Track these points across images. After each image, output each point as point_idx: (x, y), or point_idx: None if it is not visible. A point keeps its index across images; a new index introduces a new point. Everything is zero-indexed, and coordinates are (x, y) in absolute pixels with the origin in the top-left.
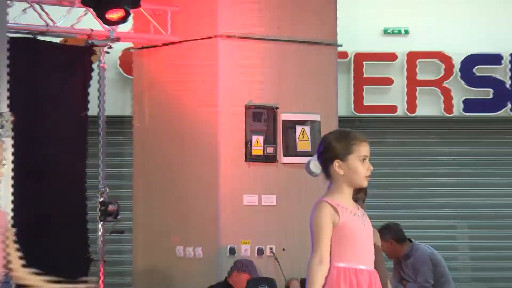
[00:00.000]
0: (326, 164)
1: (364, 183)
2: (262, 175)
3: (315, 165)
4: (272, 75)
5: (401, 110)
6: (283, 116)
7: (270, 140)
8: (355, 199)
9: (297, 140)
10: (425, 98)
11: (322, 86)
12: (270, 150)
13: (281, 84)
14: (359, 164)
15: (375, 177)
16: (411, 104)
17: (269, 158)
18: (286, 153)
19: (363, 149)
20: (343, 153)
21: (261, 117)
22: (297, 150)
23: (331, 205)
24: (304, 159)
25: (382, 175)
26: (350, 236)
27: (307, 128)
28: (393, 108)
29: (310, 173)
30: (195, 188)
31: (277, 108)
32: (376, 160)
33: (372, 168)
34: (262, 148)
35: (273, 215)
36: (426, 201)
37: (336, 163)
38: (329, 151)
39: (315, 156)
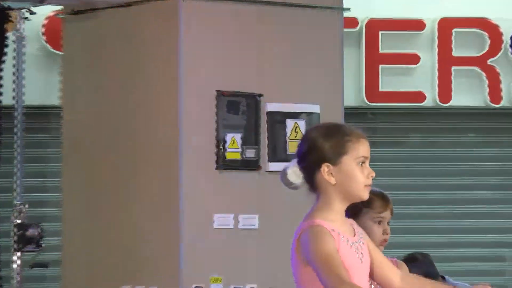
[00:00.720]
0: (310, 171)
1: (364, 195)
2: (239, 187)
3: (294, 173)
4: (254, 50)
5: (431, 99)
6: (269, 106)
7: (250, 139)
8: (379, 221)
9: (287, 140)
10: (463, 82)
11: (323, 66)
12: (250, 153)
13: (266, 63)
14: (356, 169)
15: (393, 190)
16: (444, 91)
17: (249, 165)
18: (273, 158)
19: (362, 149)
20: (334, 154)
21: (238, 107)
22: (287, 153)
23: (329, 231)
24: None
25: (402, 187)
26: None
27: (301, 123)
28: (420, 96)
29: (288, 184)
30: (148, 207)
31: (260, 95)
32: (395, 167)
33: (374, 174)
34: (239, 150)
35: (254, 243)
36: (463, 223)
37: (325, 168)
38: (314, 152)
39: (295, 161)
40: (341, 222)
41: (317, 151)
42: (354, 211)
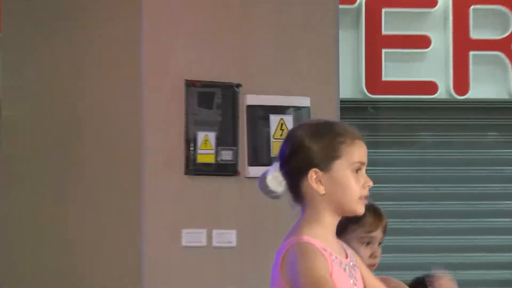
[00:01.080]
0: (294, 177)
1: (358, 209)
2: (213, 197)
3: (275, 179)
4: (232, 32)
5: (444, 90)
6: (250, 99)
7: (227, 139)
8: (367, 241)
9: (271, 139)
10: (483, 70)
11: (314, 50)
12: (227, 155)
13: (246, 46)
14: (350, 177)
15: (398, 201)
16: (460, 80)
17: (226, 169)
18: (254, 161)
19: (358, 152)
20: (324, 158)
21: (212, 100)
22: (271, 155)
23: (319, 250)
24: None
25: (409, 197)
26: None
27: (288, 120)
28: (431, 87)
29: (267, 192)
30: (102, 220)
31: (238, 86)
32: (400, 173)
33: (371, 183)
34: (213, 152)
35: (231, 263)
36: (484, 240)
37: (313, 175)
38: (300, 154)
39: (276, 165)
40: (332, 240)
41: (304, 153)
42: (337, 228)
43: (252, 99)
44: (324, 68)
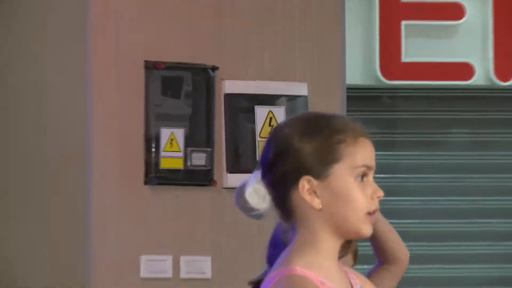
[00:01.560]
0: (281, 189)
1: (365, 229)
2: (182, 213)
3: (256, 193)
4: (206, 3)
5: (482, 75)
6: (229, 86)
7: (199, 137)
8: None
9: (257, 138)
10: None
11: (313, 24)
12: (199, 159)
13: (224, 19)
14: (354, 186)
15: (424, 218)
16: (504, 62)
17: (198, 177)
18: (234, 167)
19: (362, 153)
20: (319, 162)
21: (179, 87)
22: (257, 158)
23: (316, 286)
24: None
25: (439, 214)
26: None
27: (279, 112)
28: (465, 70)
29: (246, 210)
30: (38, 243)
31: (215, 69)
32: (425, 181)
33: (381, 193)
34: (181, 154)
35: None
36: None
37: (305, 184)
38: (288, 159)
39: (257, 174)
40: (332, 269)
41: (292, 157)
42: None
43: (231, 86)
44: (326, 46)
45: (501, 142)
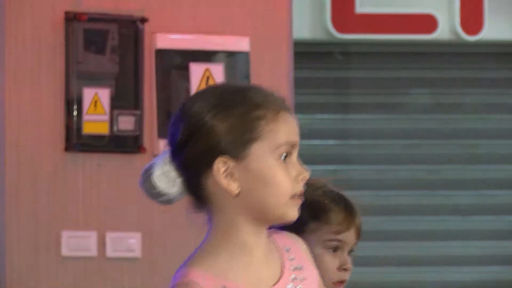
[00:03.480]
0: (193, 172)
1: (290, 212)
2: (107, 184)
3: (165, 177)
4: None
5: (447, 28)
6: (160, 40)
7: (126, 98)
8: (335, 247)
9: None
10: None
11: None
12: (126, 123)
13: None
14: (276, 167)
15: (381, 189)
16: (471, 14)
17: (125, 144)
18: (167, 132)
19: (284, 129)
20: (235, 141)
21: (104, 42)
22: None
23: None
24: None
25: (398, 184)
26: None
27: (217, 70)
28: (428, 23)
29: (154, 195)
30: None
31: (143, 20)
32: (384, 149)
33: (307, 174)
34: (107, 118)
35: (133, 281)
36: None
37: (220, 167)
38: (200, 139)
39: (165, 154)
40: (252, 264)
41: (205, 136)
42: (294, 227)
43: (163, 41)
44: None
45: (467, 104)
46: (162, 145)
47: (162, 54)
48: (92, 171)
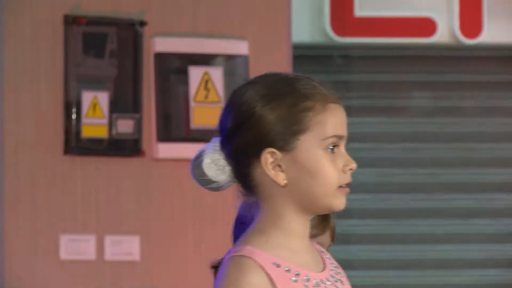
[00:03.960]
0: (242, 162)
1: (338, 203)
2: (106, 187)
3: (214, 164)
4: None
5: (447, 32)
6: (159, 44)
7: (125, 102)
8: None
9: (192, 103)
10: (502, 2)
11: None
12: (125, 126)
13: None
14: (324, 158)
15: (379, 193)
16: (470, 18)
17: (124, 147)
18: (165, 135)
19: (332, 121)
20: (284, 132)
21: (103, 45)
22: (190, 126)
23: (261, 267)
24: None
25: (397, 188)
26: None
27: (216, 74)
28: (427, 26)
29: (204, 182)
30: None
31: (143, 24)
32: (383, 152)
33: (354, 165)
34: (106, 121)
35: (132, 284)
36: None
37: (268, 158)
38: (249, 128)
39: (215, 142)
40: (299, 250)
41: (254, 127)
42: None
43: (162, 44)
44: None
45: (466, 107)
46: (161, 148)
47: (161, 58)
48: (90, 174)
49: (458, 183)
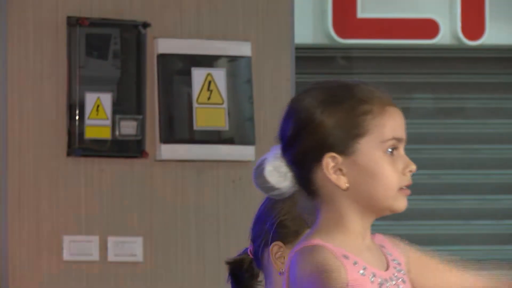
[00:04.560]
0: (304, 167)
1: (399, 204)
2: (109, 188)
3: (276, 171)
4: None
5: (449, 33)
6: (162, 45)
7: (129, 103)
8: None
9: (195, 104)
10: (505, 3)
11: None
12: (128, 128)
13: None
14: (383, 161)
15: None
16: (472, 19)
17: (127, 148)
18: (169, 136)
19: (391, 124)
20: (344, 137)
21: (107, 47)
22: (194, 127)
23: (334, 255)
24: (212, 150)
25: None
26: None
27: (219, 75)
28: (430, 28)
29: (267, 189)
30: None
31: (146, 26)
32: None
33: (414, 167)
34: (109, 122)
35: (135, 285)
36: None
37: (329, 162)
38: (309, 134)
39: (276, 150)
40: (363, 249)
41: (314, 132)
42: (283, 233)
43: (165, 45)
44: (272, 0)
45: (468, 109)
46: (164, 150)
47: (164, 59)
48: (94, 176)
49: (460, 184)
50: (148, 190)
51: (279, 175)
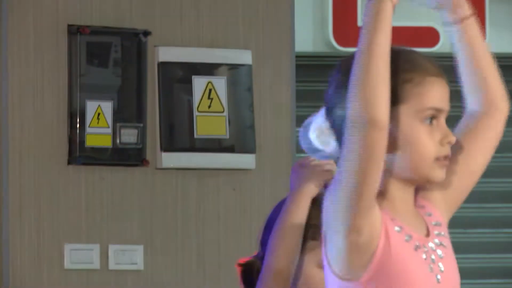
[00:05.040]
0: (343, 130)
1: (436, 174)
2: (110, 197)
3: (320, 132)
4: None
5: (449, 42)
6: (163, 53)
7: (129, 111)
8: None
9: (195, 113)
10: (504, 11)
11: None
12: (129, 136)
13: None
14: (420, 130)
15: None
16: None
17: (128, 157)
18: (169, 145)
19: (431, 94)
20: None
21: (107, 55)
22: (195, 135)
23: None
24: (212, 158)
25: None
26: None
27: (219, 83)
28: (430, 36)
29: (313, 151)
30: None
31: (147, 34)
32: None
33: (453, 138)
34: (110, 131)
35: None
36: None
37: None
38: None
39: (321, 113)
40: (405, 214)
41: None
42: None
43: (166, 54)
44: (272, 8)
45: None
46: (165, 158)
47: (164, 67)
48: (94, 184)
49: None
50: (149, 198)
51: (323, 135)
